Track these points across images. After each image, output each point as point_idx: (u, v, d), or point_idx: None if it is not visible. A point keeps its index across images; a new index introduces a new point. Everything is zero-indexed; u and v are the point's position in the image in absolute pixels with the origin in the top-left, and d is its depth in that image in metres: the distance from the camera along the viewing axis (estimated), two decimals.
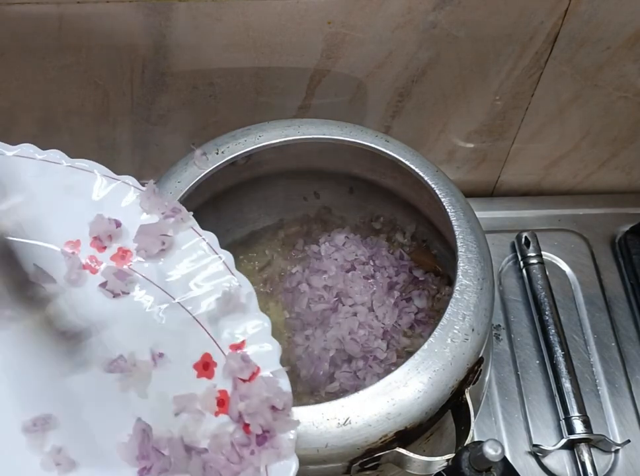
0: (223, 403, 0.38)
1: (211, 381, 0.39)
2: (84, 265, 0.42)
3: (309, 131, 0.54)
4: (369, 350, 0.56)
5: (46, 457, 0.37)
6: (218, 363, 0.39)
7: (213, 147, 0.53)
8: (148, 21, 0.54)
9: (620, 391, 0.63)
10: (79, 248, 0.42)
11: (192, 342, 0.40)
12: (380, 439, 0.43)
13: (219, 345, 0.40)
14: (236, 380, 0.39)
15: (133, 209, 0.43)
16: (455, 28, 0.58)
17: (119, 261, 0.42)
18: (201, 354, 0.40)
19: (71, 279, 0.42)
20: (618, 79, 0.63)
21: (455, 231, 0.50)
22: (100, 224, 0.42)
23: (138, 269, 0.42)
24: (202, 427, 0.38)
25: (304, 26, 0.56)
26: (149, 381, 0.40)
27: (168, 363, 0.40)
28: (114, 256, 0.42)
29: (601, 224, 0.72)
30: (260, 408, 0.37)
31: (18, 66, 0.56)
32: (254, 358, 0.39)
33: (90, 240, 0.43)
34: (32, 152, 0.44)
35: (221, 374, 0.39)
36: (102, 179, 0.44)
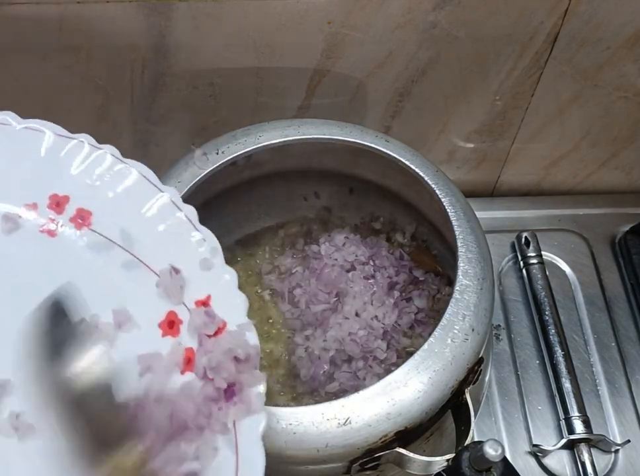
0: (190, 361, 0.38)
1: (176, 339, 0.38)
2: (42, 228, 0.41)
3: (309, 131, 0.54)
4: (369, 350, 0.56)
5: (4, 423, 0.36)
6: (184, 321, 0.39)
7: (213, 147, 0.53)
8: (148, 21, 0.54)
9: (620, 391, 0.63)
10: (37, 211, 0.41)
11: (156, 301, 0.39)
12: (380, 439, 0.43)
13: (184, 302, 0.39)
14: (202, 336, 0.38)
15: (90, 167, 0.42)
16: (455, 28, 0.58)
17: (78, 223, 0.41)
18: (165, 312, 0.39)
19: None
20: (618, 79, 0.63)
21: (455, 231, 0.50)
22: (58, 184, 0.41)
23: (99, 230, 0.41)
24: (169, 386, 0.37)
25: (304, 26, 0.56)
26: (113, 343, 0.39)
27: (132, 324, 0.39)
28: (73, 218, 0.41)
29: (601, 224, 0.72)
30: (223, 360, 0.36)
31: (18, 66, 0.56)
32: (220, 313, 0.38)
33: (48, 202, 0.42)
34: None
35: (186, 331, 0.38)
36: (56, 138, 0.42)
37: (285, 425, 0.42)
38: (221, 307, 0.38)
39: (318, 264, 0.60)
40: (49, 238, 0.41)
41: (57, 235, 0.41)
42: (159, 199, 0.42)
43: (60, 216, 0.41)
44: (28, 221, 0.41)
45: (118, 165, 0.42)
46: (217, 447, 0.36)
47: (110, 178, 0.42)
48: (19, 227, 0.41)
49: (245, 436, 0.36)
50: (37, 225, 0.41)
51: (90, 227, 0.41)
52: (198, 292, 0.39)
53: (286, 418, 0.42)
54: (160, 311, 0.39)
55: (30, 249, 0.41)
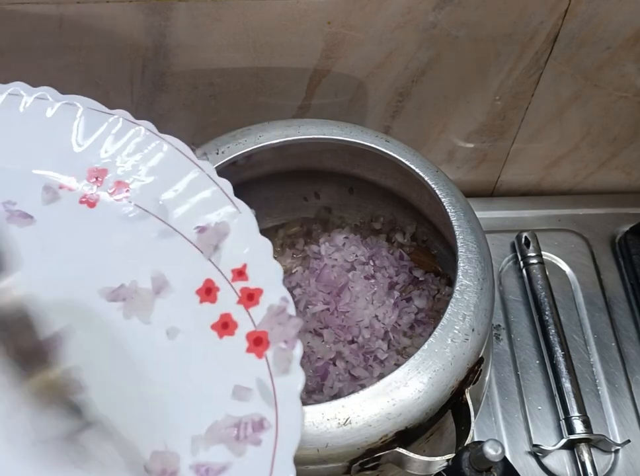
0: (227, 326, 0.39)
1: (214, 305, 0.39)
2: (81, 199, 0.43)
3: (309, 131, 0.54)
4: (370, 350, 0.56)
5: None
6: (220, 288, 0.40)
7: (213, 147, 0.53)
8: (148, 21, 0.54)
9: (620, 391, 0.63)
10: (76, 183, 0.43)
11: (194, 269, 0.40)
12: (380, 440, 0.43)
13: (221, 270, 0.40)
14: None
15: (127, 142, 0.44)
16: (455, 28, 0.58)
17: (115, 195, 0.43)
18: (203, 279, 0.40)
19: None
20: (618, 79, 0.63)
21: (455, 231, 0.50)
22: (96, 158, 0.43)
23: (136, 201, 0.43)
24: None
25: (304, 26, 0.56)
26: (152, 308, 0.40)
27: (169, 290, 0.40)
28: (111, 190, 0.43)
29: (601, 224, 0.72)
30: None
31: (18, 66, 0.56)
32: (255, 280, 0.39)
33: (87, 175, 0.43)
34: (23, 91, 0.45)
35: (223, 298, 0.39)
36: (95, 114, 0.44)
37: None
38: (256, 275, 0.39)
39: (318, 264, 0.60)
40: (88, 209, 0.43)
41: (96, 206, 0.43)
42: (194, 172, 0.43)
43: (99, 188, 0.43)
44: (68, 192, 0.43)
45: (154, 140, 0.44)
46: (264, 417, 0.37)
47: (146, 152, 0.44)
48: (59, 198, 0.43)
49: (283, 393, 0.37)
50: (76, 196, 0.43)
51: (128, 199, 0.43)
52: (234, 261, 0.40)
53: None
54: (198, 278, 0.40)
55: (69, 219, 0.43)
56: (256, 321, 0.38)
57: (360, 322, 0.57)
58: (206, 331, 0.39)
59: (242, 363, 0.38)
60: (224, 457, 0.36)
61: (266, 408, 0.36)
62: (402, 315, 0.58)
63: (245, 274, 0.40)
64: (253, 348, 0.38)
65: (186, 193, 0.42)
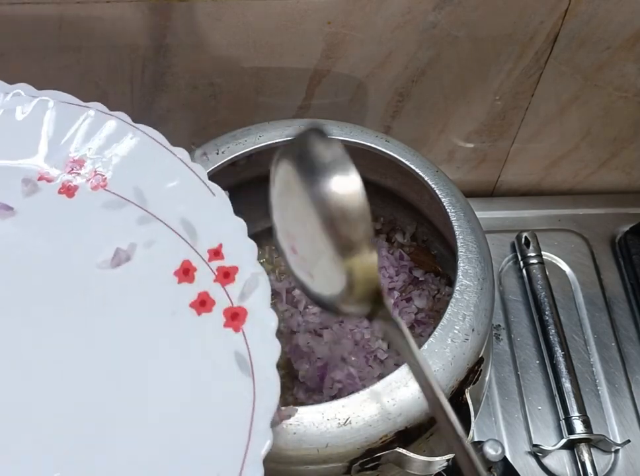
0: (205, 303, 0.40)
1: (192, 285, 0.41)
2: (60, 190, 0.44)
3: None
4: (370, 350, 0.56)
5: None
6: (197, 268, 0.41)
7: (213, 147, 0.53)
8: (148, 21, 0.54)
9: (620, 391, 0.63)
10: (55, 174, 0.45)
11: (172, 251, 0.42)
12: (380, 440, 0.43)
13: (197, 251, 0.42)
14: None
15: (104, 133, 0.45)
16: (455, 28, 0.58)
17: (93, 184, 0.44)
18: (180, 261, 0.42)
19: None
20: (618, 78, 0.63)
21: (455, 231, 0.50)
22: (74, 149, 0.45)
23: (114, 190, 0.44)
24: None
25: (304, 26, 0.56)
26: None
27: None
28: (89, 180, 0.44)
29: (601, 224, 0.72)
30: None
31: (18, 66, 0.56)
32: (231, 259, 0.41)
33: (64, 166, 0.45)
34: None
35: (201, 278, 0.41)
36: (69, 108, 0.46)
37: (285, 425, 0.42)
38: (232, 253, 0.41)
39: None
40: (67, 199, 0.44)
41: (75, 195, 0.44)
42: (168, 159, 0.44)
43: (77, 178, 0.44)
44: (46, 184, 0.44)
45: (129, 130, 0.45)
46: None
47: (122, 142, 0.45)
48: (38, 189, 0.44)
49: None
50: (55, 187, 0.44)
51: (106, 188, 0.44)
52: (210, 241, 0.42)
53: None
54: (176, 260, 0.42)
55: (49, 210, 0.44)
56: (232, 297, 0.40)
57: (360, 322, 0.57)
58: (185, 309, 0.40)
59: (220, 337, 0.39)
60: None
61: (243, 378, 0.37)
62: (402, 315, 0.58)
63: (221, 253, 0.41)
64: (230, 322, 0.39)
65: (161, 179, 0.44)
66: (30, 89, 0.46)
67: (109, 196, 0.44)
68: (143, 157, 0.44)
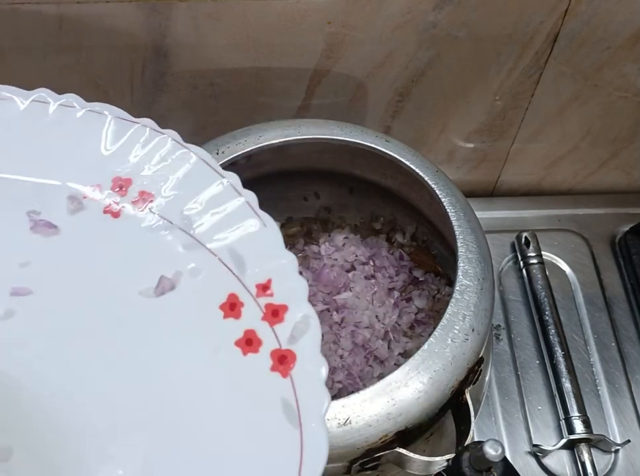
0: (251, 342, 0.38)
1: (238, 321, 0.38)
2: (105, 209, 0.42)
3: (309, 131, 0.54)
4: (370, 350, 0.56)
5: None
6: (245, 303, 0.39)
7: (213, 147, 0.53)
8: (148, 21, 0.54)
9: (620, 391, 0.63)
10: (100, 193, 0.43)
11: (218, 282, 0.40)
12: (380, 440, 0.43)
13: (245, 284, 0.39)
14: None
15: (152, 151, 0.43)
16: (455, 28, 0.58)
17: (141, 205, 0.42)
18: (227, 294, 0.39)
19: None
20: (618, 78, 0.63)
21: (455, 231, 0.50)
22: (121, 167, 0.43)
23: (160, 212, 0.42)
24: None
25: (304, 26, 0.56)
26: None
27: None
28: (135, 200, 0.42)
29: (601, 224, 0.72)
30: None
31: (18, 66, 0.56)
32: (280, 296, 0.38)
33: (111, 185, 0.43)
34: (47, 98, 0.45)
35: (248, 314, 0.38)
36: (120, 123, 0.44)
37: None
38: (281, 290, 0.38)
39: (318, 264, 0.60)
40: (112, 220, 0.42)
41: (120, 216, 0.42)
42: (219, 183, 0.42)
43: (123, 198, 0.42)
44: (92, 202, 0.42)
45: (179, 150, 0.43)
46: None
47: (171, 162, 0.43)
48: (84, 208, 0.42)
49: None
50: (101, 206, 0.42)
51: (152, 210, 0.42)
52: (259, 275, 0.39)
53: None
54: (222, 293, 0.39)
55: (94, 229, 0.42)
56: (280, 339, 0.37)
57: (360, 322, 0.57)
58: (230, 347, 0.38)
59: (266, 381, 0.36)
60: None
61: (290, 429, 0.35)
62: (402, 315, 0.58)
63: (270, 289, 0.39)
64: (278, 366, 0.37)
65: (210, 205, 0.41)
66: (80, 100, 0.44)
67: (155, 218, 0.42)
68: (192, 179, 0.42)
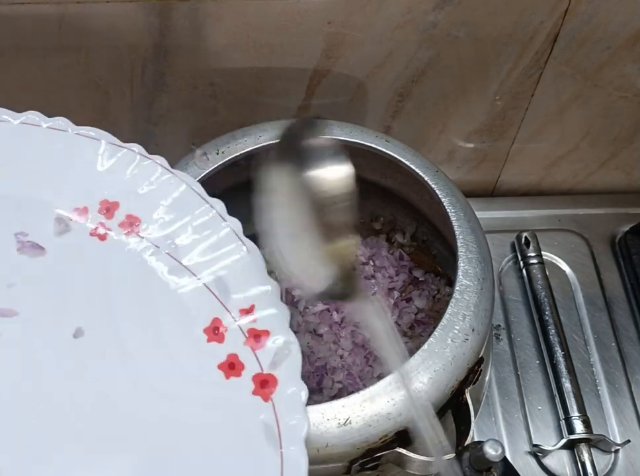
0: (234, 366, 0.39)
1: (221, 345, 0.39)
2: (92, 232, 0.43)
3: None
4: (370, 350, 0.56)
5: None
6: (228, 328, 0.40)
7: (213, 147, 0.53)
8: (148, 21, 0.54)
9: (620, 391, 0.63)
10: (87, 215, 0.43)
11: (202, 307, 0.40)
12: (380, 440, 0.43)
13: (229, 309, 0.40)
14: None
15: (140, 176, 0.44)
16: (455, 28, 0.58)
17: (127, 228, 0.43)
18: (211, 318, 0.40)
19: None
20: (618, 78, 0.63)
21: (455, 231, 0.50)
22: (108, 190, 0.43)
23: (147, 236, 0.43)
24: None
25: (304, 26, 0.56)
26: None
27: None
28: (122, 223, 0.43)
29: (601, 224, 0.72)
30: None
31: (18, 66, 0.56)
32: (263, 322, 0.39)
33: (98, 207, 0.43)
34: (38, 120, 0.45)
35: (231, 339, 0.39)
36: (108, 147, 0.44)
37: None
38: (264, 316, 0.40)
39: None
40: (99, 242, 0.43)
41: (107, 239, 0.43)
42: (205, 209, 0.43)
43: (110, 221, 0.43)
44: (79, 224, 0.43)
45: (166, 175, 0.44)
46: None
47: (158, 188, 0.44)
48: (70, 230, 0.43)
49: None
50: (87, 228, 0.43)
51: (139, 233, 0.43)
52: (242, 301, 0.40)
53: None
54: (206, 317, 0.40)
55: (80, 251, 0.42)
56: (262, 363, 0.38)
57: (360, 322, 0.57)
58: (213, 371, 0.39)
59: (248, 404, 0.37)
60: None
61: (271, 451, 0.36)
62: (402, 315, 0.58)
63: (253, 315, 0.40)
64: (259, 390, 0.38)
65: (197, 231, 0.42)
66: (68, 123, 0.45)
67: (141, 242, 0.43)
68: (179, 205, 0.43)
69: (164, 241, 0.42)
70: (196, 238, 0.42)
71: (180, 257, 0.42)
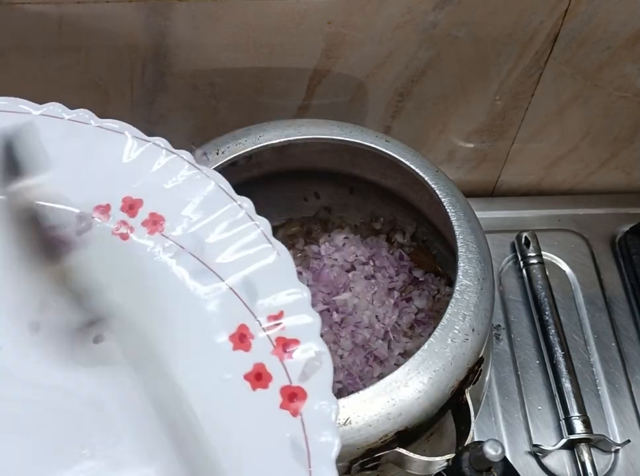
0: (260, 377, 0.36)
1: (247, 354, 0.37)
2: (114, 230, 0.40)
3: (309, 131, 0.54)
4: (370, 351, 0.56)
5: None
6: (255, 335, 0.37)
7: (213, 147, 0.53)
8: (148, 21, 0.54)
9: (620, 391, 0.63)
10: (109, 213, 0.41)
11: (227, 312, 0.38)
12: (380, 440, 0.43)
13: (256, 315, 0.37)
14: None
15: (165, 172, 0.41)
16: (455, 28, 0.58)
17: (151, 227, 0.40)
18: (237, 324, 0.37)
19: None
20: (618, 78, 0.63)
21: (455, 231, 0.50)
22: (131, 187, 0.41)
23: (171, 236, 0.40)
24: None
25: (304, 26, 0.56)
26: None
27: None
28: (146, 222, 0.40)
29: (601, 224, 0.72)
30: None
31: (18, 66, 0.56)
32: (292, 330, 0.37)
33: (121, 205, 0.41)
34: (60, 111, 0.42)
35: (258, 347, 0.37)
36: (133, 141, 0.42)
37: None
38: (294, 324, 0.37)
39: (318, 264, 0.60)
40: (121, 241, 0.40)
41: (129, 238, 0.40)
42: (232, 209, 0.40)
43: (132, 219, 0.41)
44: (100, 223, 0.41)
45: (192, 171, 0.41)
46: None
47: (184, 185, 0.41)
48: (92, 227, 0.40)
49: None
50: (110, 227, 0.41)
51: (162, 233, 0.40)
52: (270, 307, 0.37)
53: None
54: (232, 323, 0.38)
55: (102, 250, 0.40)
56: (291, 375, 0.36)
57: (360, 322, 0.57)
58: (239, 381, 0.36)
59: (275, 419, 0.35)
60: None
61: (299, 470, 0.33)
62: (402, 315, 0.58)
63: (282, 323, 0.37)
64: (287, 404, 0.35)
65: (222, 230, 0.40)
66: (93, 116, 0.42)
67: (165, 242, 0.40)
68: (205, 203, 0.40)
69: (189, 242, 0.40)
70: (223, 239, 0.39)
71: (205, 258, 0.39)
